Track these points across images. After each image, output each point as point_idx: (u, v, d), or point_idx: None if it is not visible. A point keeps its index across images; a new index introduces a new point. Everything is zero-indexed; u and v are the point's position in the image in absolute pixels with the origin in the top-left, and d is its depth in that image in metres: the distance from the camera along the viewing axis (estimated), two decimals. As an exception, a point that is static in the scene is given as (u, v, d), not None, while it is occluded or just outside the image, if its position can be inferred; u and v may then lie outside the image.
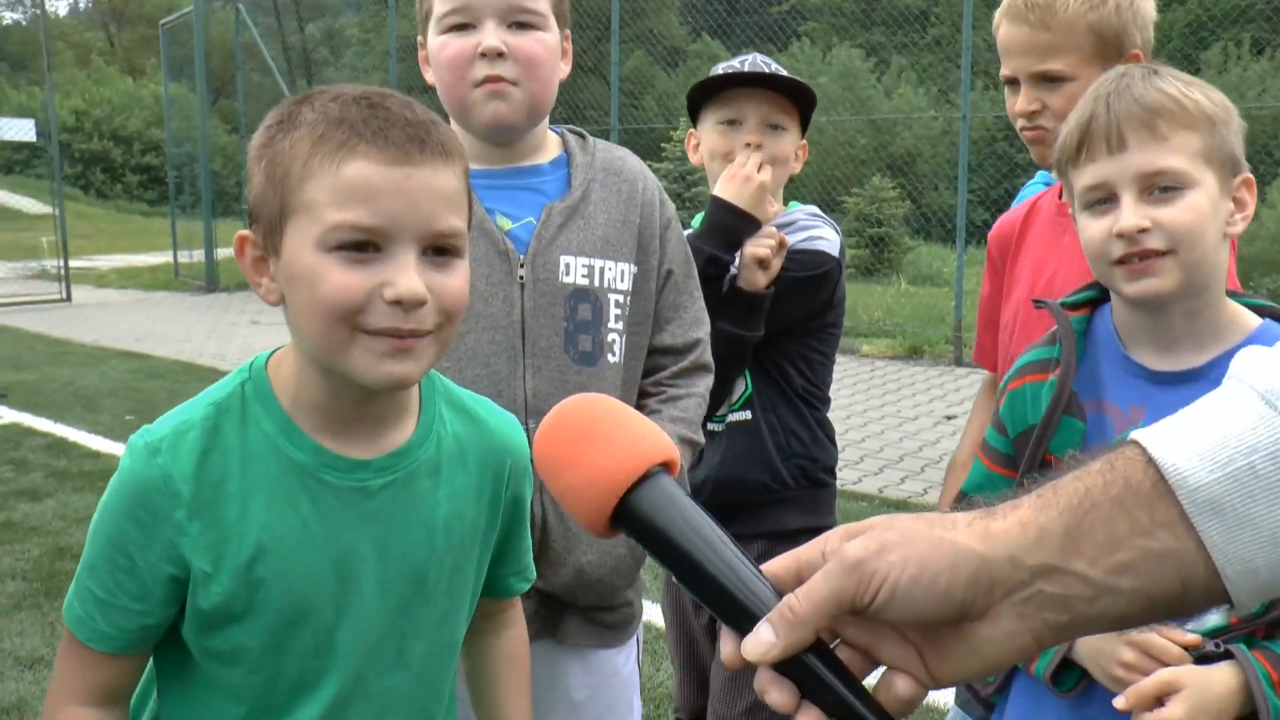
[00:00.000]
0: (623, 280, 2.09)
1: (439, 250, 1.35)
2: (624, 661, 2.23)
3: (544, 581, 2.01)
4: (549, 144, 2.17)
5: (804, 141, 2.74)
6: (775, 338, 2.62)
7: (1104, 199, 1.69)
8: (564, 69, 2.13)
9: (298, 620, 1.41)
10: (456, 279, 1.37)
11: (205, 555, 1.38)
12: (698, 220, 2.70)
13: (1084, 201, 1.72)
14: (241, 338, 12.88)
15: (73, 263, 18.38)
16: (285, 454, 1.41)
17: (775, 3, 21.10)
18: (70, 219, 20.21)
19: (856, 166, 17.76)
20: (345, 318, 1.30)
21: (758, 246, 2.56)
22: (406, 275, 1.30)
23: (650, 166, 2.22)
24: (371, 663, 1.47)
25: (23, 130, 19.21)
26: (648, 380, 2.18)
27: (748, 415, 2.67)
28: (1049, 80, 2.26)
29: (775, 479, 2.66)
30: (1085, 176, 1.70)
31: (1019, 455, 1.80)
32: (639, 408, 2.12)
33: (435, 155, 1.34)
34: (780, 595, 0.87)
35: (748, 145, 2.62)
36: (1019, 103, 2.30)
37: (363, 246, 1.30)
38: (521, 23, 2.00)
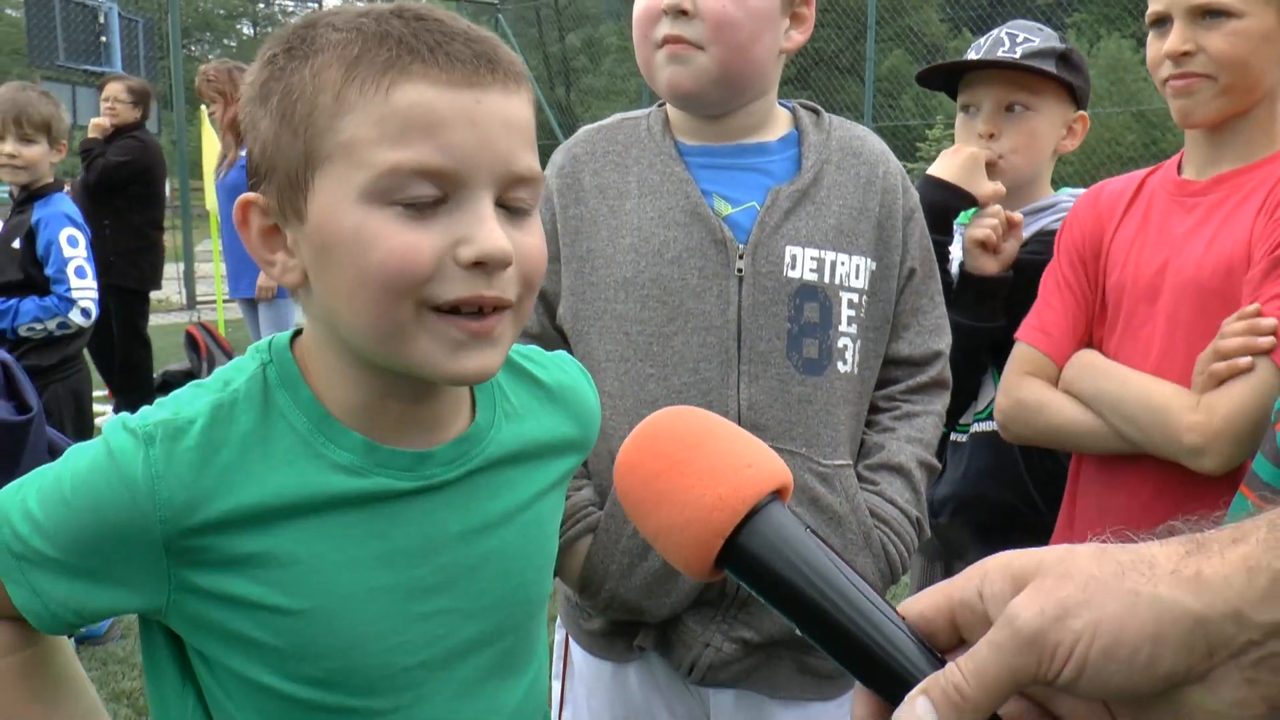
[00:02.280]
0: (858, 276, 1.82)
1: (509, 208, 1.07)
2: (843, 716, 1.95)
3: (752, 629, 1.81)
4: (777, 120, 1.92)
5: (1082, 113, 2.44)
6: None
7: None
8: (794, 37, 1.85)
9: (352, 666, 1.13)
10: (535, 237, 1.10)
11: (211, 578, 1.08)
12: (965, 216, 2.47)
13: None
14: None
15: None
16: (324, 455, 1.10)
17: (1040, -5, 20.34)
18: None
19: (1123, 165, 16.83)
20: (410, 290, 1.01)
21: (976, 228, 2.30)
22: (488, 228, 1.02)
23: (905, 166, 2.04)
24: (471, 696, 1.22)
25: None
26: (879, 394, 1.93)
27: (995, 425, 2.32)
28: (1209, 16, 1.92)
29: (1025, 501, 2.36)
30: None
31: None
32: (868, 424, 1.92)
33: (507, 76, 1.06)
34: (927, 648, 0.73)
35: (980, 135, 2.38)
36: (1170, 41, 1.94)
37: (425, 196, 1.02)
38: None
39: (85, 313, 4.46)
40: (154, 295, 8.22)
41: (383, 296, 1.02)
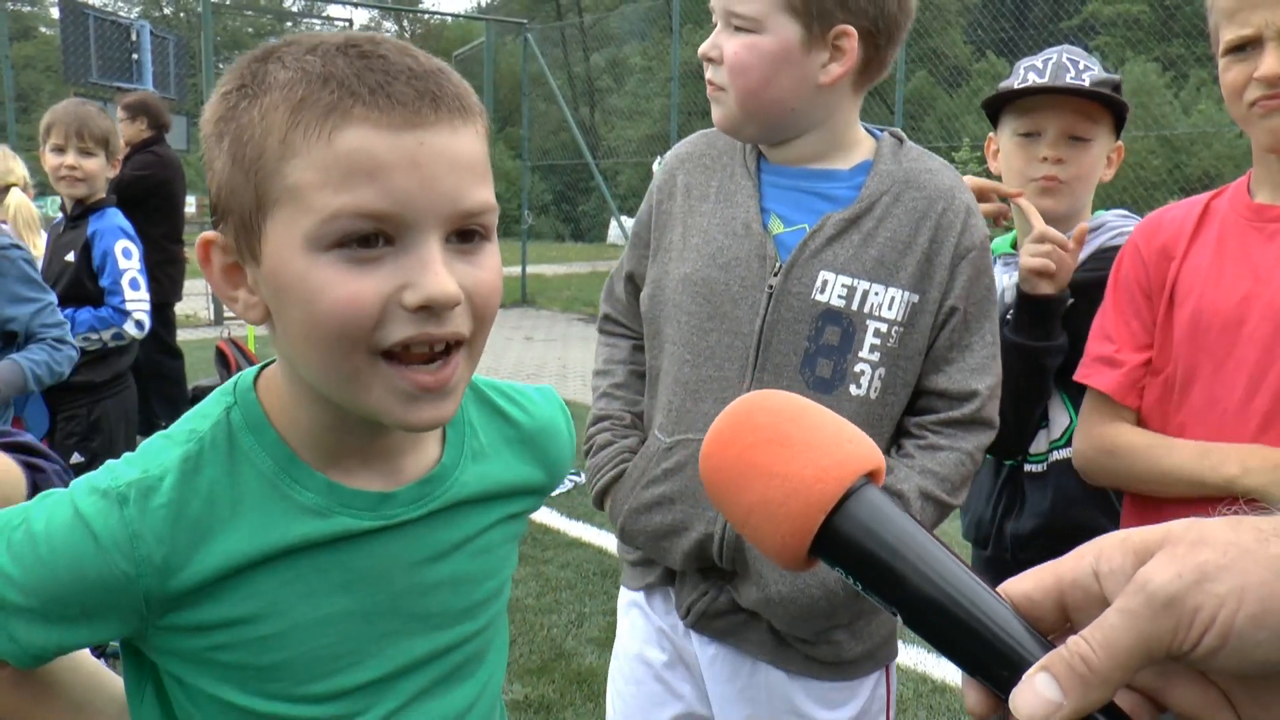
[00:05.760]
0: (891, 308, 1.87)
1: (464, 234, 1.05)
2: (822, 696, 2.01)
3: (738, 595, 1.97)
4: (854, 148, 1.98)
5: (1119, 144, 2.48)
6: None
7: None
8: (833, 70, 1.86)
9: (312, 683, 1.16)
10: (488, 270, 1.08)
11: (184, 619, 1.11)
12: (1001, 244, 2.46)
13: None
14: (514, 355, 13.18)
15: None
16: (289, 496, 1.12)
17: (1065, 17, 20.32)
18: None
19: (1147, 190, 16.62)
20: (359, 339, 1.01)
21: (1033, 257, 2.29)
22: (432, 271, 1.01)
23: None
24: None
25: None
26: (912, 420, 1.97)
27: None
28: None
29: (1117, 522, 2.27)
30: None
31: None
32: (897, 447, 1.97)
33: (452, 113, 1.03)
34: (1037, 633, 0.67)
35: (1044, 160, 2.41)
36: (1267, 64, 1.78)
37: (369, 240, 1.00)
38: (738, 26, 1.86)
39: (139, 325, 4.56)
40: (182, 311, 8.25)
41: (334, 345, 1.02)
